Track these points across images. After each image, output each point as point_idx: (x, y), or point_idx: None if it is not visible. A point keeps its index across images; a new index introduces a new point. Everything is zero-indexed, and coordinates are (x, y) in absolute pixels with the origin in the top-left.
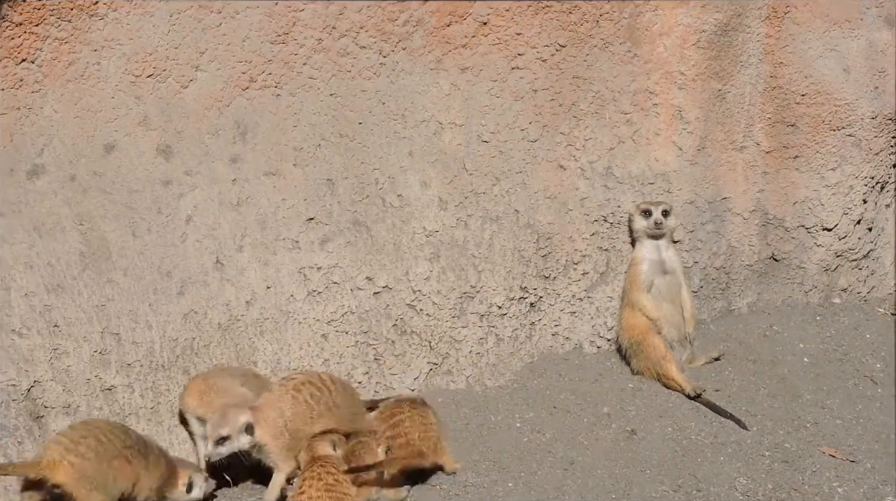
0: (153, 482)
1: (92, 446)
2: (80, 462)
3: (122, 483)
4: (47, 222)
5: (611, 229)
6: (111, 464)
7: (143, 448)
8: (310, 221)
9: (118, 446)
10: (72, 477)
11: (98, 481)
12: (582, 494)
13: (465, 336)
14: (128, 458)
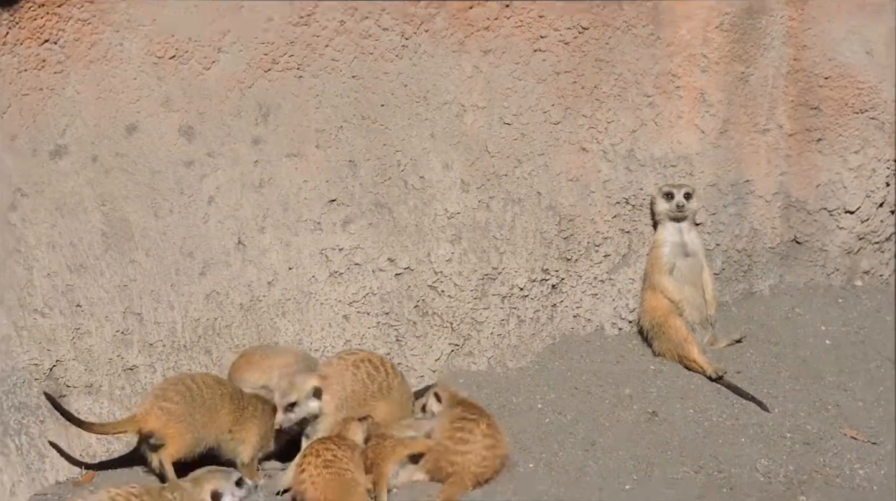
0: (251, 432)
1: (181, 391)
2: (168, 406)
3: (212, 429)
4: (69, 202)
5: (633, 211)
6: (199, 409)
7: (235, 398)
8: (331, 203)
9: (206, 396)
10: (161, 422)
11: (187, 423)
12: (603, 475)
13: (486, 317)
14: (213, 407)
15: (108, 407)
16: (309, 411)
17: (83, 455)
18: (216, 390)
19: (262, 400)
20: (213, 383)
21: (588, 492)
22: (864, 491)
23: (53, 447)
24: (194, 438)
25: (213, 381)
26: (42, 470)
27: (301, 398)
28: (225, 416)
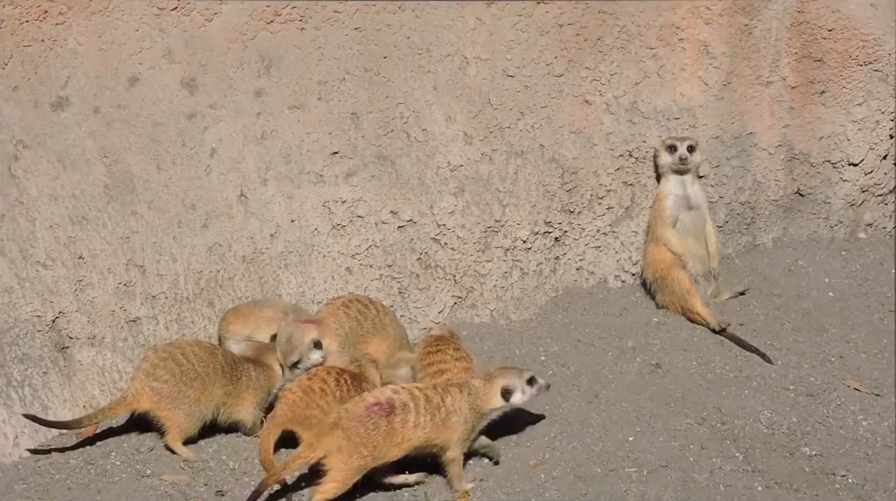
0: (247, 401)
1: (170, 369)
2: (159, 386)
3: (207, 403)
4: (72, 154)
5: (636, 164)
6: (191, 385)
7: (228, 371)
8: (334, 155)
9: (199, 369)
10: (153, 402)
11: (178, 400)
12: (606, 427)
13: (489, 270)
14: (205, 381)
15: (111, 359)
16: (313, 361)
17: (87, 407)
18: (208, 363)
19: (255, 365)
20: (205, 355)
21: (591, 444)
22: (867, 443)
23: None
24: (190, 415)
25: (204, 353)
26: None
27: (304, 354)
28: (218, 390)
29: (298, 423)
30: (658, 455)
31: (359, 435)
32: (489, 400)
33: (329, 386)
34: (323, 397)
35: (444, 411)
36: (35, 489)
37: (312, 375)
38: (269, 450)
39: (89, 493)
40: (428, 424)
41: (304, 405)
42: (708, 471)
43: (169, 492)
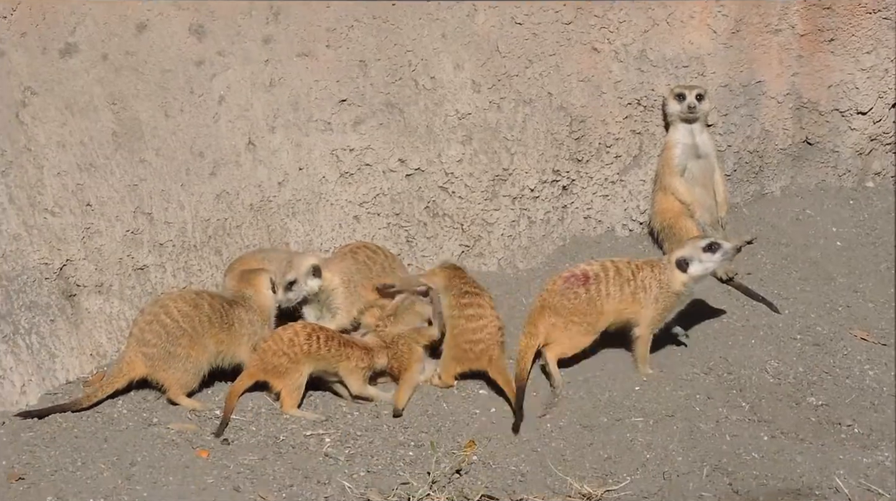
0: (244, 345)
1: (157, 331)
2: (149, 351)
3: (201, 356)
4: (80, 101)
5: (644, 112)
6: (179, 343)
7: (220, 320)
8: (342, 103)
9: (185, 326)
10: (148, 367)
11: (170, 361)
12: (613, 376)
13: (497, 218)
14: (193, 336)
15: (119, 307)
16: (309, 289)
17: (94, 355)
18: (193, 317)
19: (246, 310)
20: (189, 309)
21: (597, 393)
22: (873, 392)
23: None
24: (185, 371)
25: (189, 307)
26: (52, 370)
27: (300, 276)
28: (209, 340)
29: (268, 372)
30: (664, 404)
31: (565, 307)
32: (673, 277)
33: (299, 339)
34: (291, 347)
35: (633, 285)
36: (42, 437)
37: (287, 327)
38: (235, 395)
39: (96, 441)
40: (617, 295)
41: (271, 353)
42: (714, 421)
43: (175, 441)
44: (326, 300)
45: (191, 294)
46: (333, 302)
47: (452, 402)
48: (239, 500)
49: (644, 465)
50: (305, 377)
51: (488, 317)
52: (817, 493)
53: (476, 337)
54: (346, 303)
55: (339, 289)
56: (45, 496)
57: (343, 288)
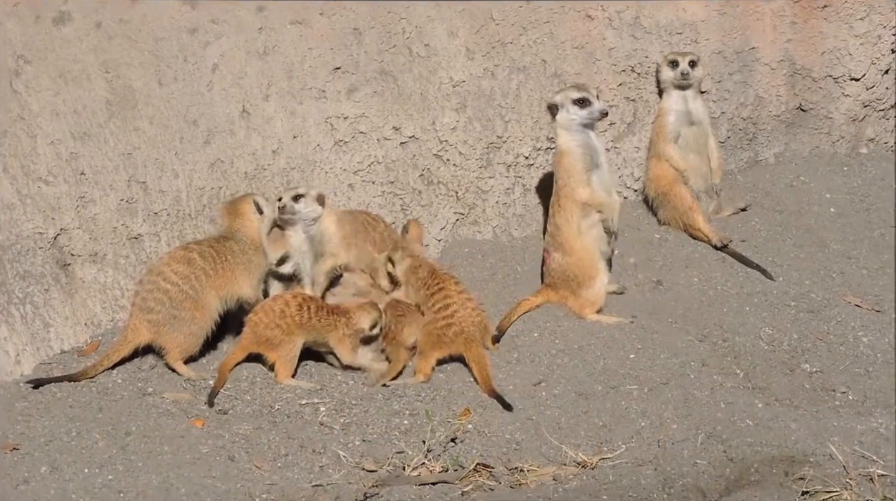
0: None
1: (158, 298)
2: (153, 317)
3: (206, 313)
4: (73, 69)
5: (638, 79)
6: (183, 306)
7: (213, 265)
8: (336, 70)
9: (185, 288)
10: (152, 333)
11: (175, 324)
12: (607, 344)
13: (491, 186)
14: (195, 297)
15: (113, 276)
16: (311, 211)
17: (88, 324)
18: (190, 276)
19: (237, 241)
20: (184, 269)
21: (592, 361)
22: (868, 359)
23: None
24: (190, 334)
25: (183, 266)
26: (47, 339)
27: (308, 195)
28: (210, 294)
29: (260, 344)
30: (659, 372)
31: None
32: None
33: (290, 309)
34: (283, 318)
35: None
36: (36, 406)
37: (277, 297)
38: (227, 368)
39: (91, 411)
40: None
41: (263, 326)
42: (709, 388)
43: (171, 410)
44: (317, 240)
45: (180, 251)
46: (323, 244)
47: (447, 371)
48: (234, 469)
49: (639, 433)
50: (299, 347)
51: (457, 303)
52: (811, 460)
53: (447, 321)
54: (335, 249)
55: (333, 230)
56: (40, 466)
57: (336, 230)
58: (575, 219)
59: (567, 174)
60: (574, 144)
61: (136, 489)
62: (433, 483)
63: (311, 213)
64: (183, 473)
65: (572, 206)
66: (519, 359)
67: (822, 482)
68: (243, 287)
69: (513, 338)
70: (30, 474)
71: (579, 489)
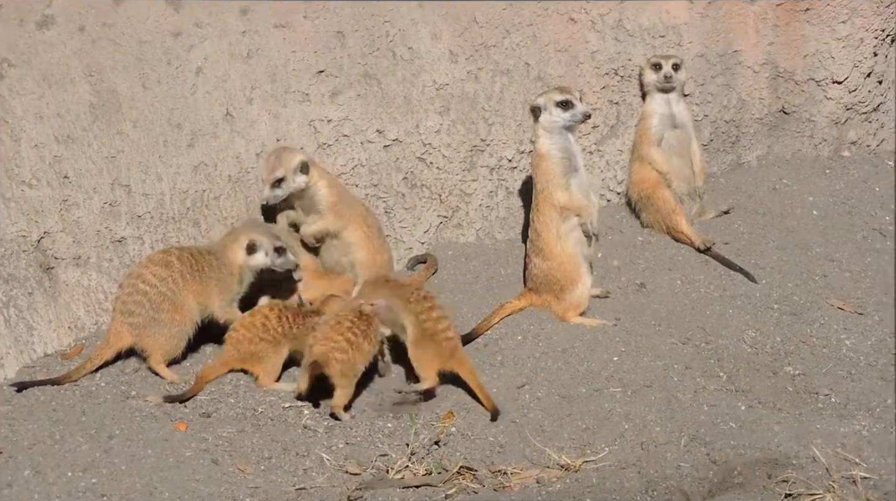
0: (210, 291)
1: (138, 301)
2: (133, 320)
3: (184, 316)
4: (56, 73)
5: (621, 82)
6: (161, 308)
7: (190, 270)
8: (320, 74)
9: (163, 290)
10: (134, 336)
11: (155, 327)
12: (590, 347)
13: (475, 189)
14: (173, 299)
15: (97, 280)
16: (296, 185)
17: (72, 328)
18: (167, 278)
19: (217, 258)
20: (163, 271)
21: (576, 364)
22: (850, 362)
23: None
24: (170, 337)
25: (162, 269)
26: (30, 343)
27: (288, 172)
28: (188, 296)
29: (245, 361)
30: (642, 375)
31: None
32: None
33: (271, 323)
34: (266, 332)
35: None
36: (20, 410)
37: (255, 312)
38: (204, 381)
39: (74, 414)
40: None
41: (247, 342)
42: (692, 391)
43: (154, 414)
44: (310, 204)
45: (160, 254)
46: (318, 204)
47: None
48: (217, 473)
49: (622, 436)
50: (284, 358)
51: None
52: (794, 462)
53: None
54: (325, 210)
55: (324, 192)
56: (23, 469)
57: (327, 193)
58: (554, 224)
59: (545, 178)
60: (554, 148)
61: (119, 492)
62: (417, 485)
63: (298, 186)
64: (166, 476)
65: (550, 211)
66: (503, 362)
67: (805, 484)
68: (213, 302)
69: (496, 341)
70: (13, 477)
71: (563, 491)
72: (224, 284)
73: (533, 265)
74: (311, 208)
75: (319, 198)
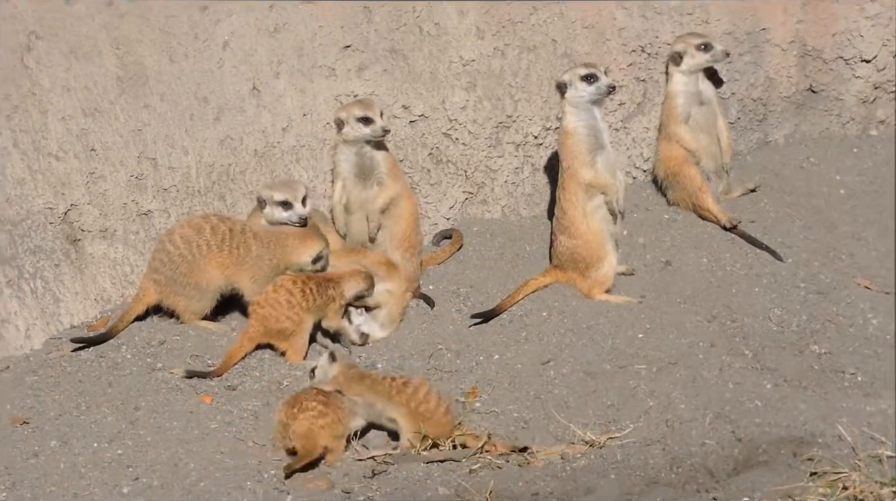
0: (244, 276)
1: (161, 259)
2: (157, 277)
3: (205, 280)
4: (84, 46)
5: (648, 60)
6: (179, 269)
7: (219, 243)
8: (346, 49)
9: (185, 252)
10: (157, 293)
11: (174, 286)
12: (616, 323)
13: (500, 165)
14: (192, 263)
15: (123, 252)
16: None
17: (98, 300)
18: (192, 242)
19: (262, 245)
20: (192, 234)
21: (601, 340)
22: (877, 341)
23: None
24: (189, 297)
25: (192, 231)
26: (57, 314)
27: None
28: (210, 265)
29: (272, 337)
30: (667, 352)
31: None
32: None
33: (295, 298)
34: (290, 309)
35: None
36: (46, 381)
37: (278, 286)
38: (234, 359)
39: (100, 386)
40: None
41: (273, 320)
42: (717, 369)
43: (179, 386)
44: (367, 164)
45: (198, 218)
46: (378, 170)
47: (454, 351)
48: (242, 445)
49: (647, 413)
50: (310, 329)
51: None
52: (820, 441)
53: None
54: (390, 170)
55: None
56: (49, 440)
57: (386, 152)
58: (580, 202)
59: (571, 155)
60: (580, 125)
61: (144, 463)
62: (441, 460)
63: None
64: (192, 448)
65: (576, 188)
66: (527, 338)
67: (830, 463)
68: (245, 285)
69: (521, 317)
70: (39, 448)
71: (587, 468)
72: (260, 269)
73: (559, 242)
74: (370, 173)
75: (378, 161)
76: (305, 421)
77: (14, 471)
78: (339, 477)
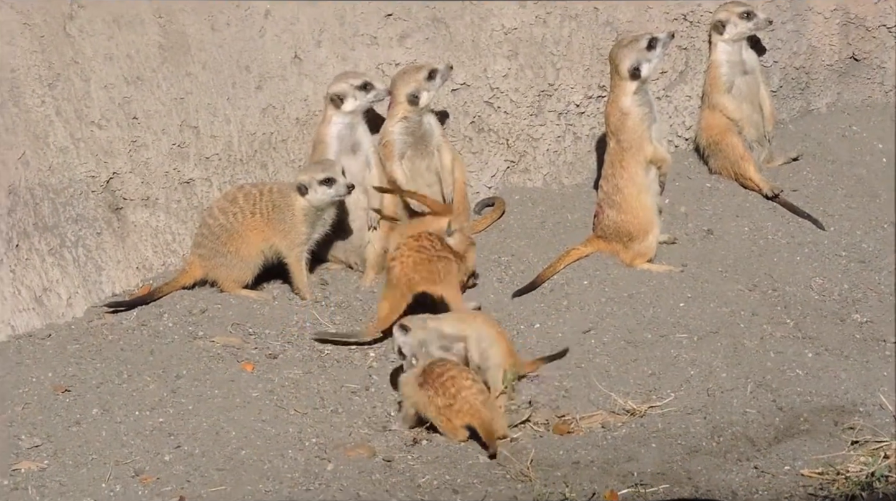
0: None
1: (204, 233)
2: (201, 252)
3: (249, 248)
4: (126, 14)
5: (690, 28)
6: (219, 239)
7: (252, 208)
8: (388, 17)
9: (223, 222)
10: (203, 268)
11: (217, 259)
12: (657, 292)
13: (542, 134)
14: (232, 231)
15: (165, 221)
16: (426, 101)
17: (140, 268)
18: (229, 212)
19: (283, 196)
20: (227, 204)
21: (641, 310)
22: None
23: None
24: (230, 267)
25: (227, 202)
26: (98, 282)
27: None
28: (250, 232)
29: (427, 282)
30: (709, 321)
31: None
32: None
33: (434, 243)
34: (434, 250)
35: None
36: (88, 349)
37: (412, 238)
38: (389, 320)
39: (142, 354)
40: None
41: (427, 260)
42: (758, 338)
43: (220, 354)
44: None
45: (233, 190)
46: (435, 135)
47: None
48: (283, 414)
49: (688, 381)
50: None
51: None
52: (861, 410)
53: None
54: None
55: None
56: (91, 408)
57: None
58: (639, 179)
59: (633, 135)
60: (635, 105)
61: (186, 431)
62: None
63: (428, 101)
64: (233, 416)
65: (636, 167)
66: (568, 307)
67: (871, 431)
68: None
69: (562, 286)
70: (81, 416)
71: (628, 436)
72: (288, 226)
73: (605, 215)
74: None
75: (433, 125)
76: (471, 398)
77: (56, 439)
78: (382, 445)
